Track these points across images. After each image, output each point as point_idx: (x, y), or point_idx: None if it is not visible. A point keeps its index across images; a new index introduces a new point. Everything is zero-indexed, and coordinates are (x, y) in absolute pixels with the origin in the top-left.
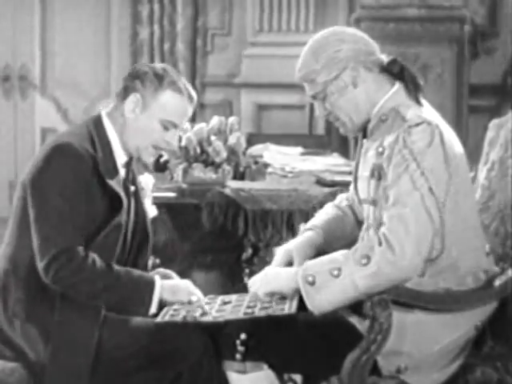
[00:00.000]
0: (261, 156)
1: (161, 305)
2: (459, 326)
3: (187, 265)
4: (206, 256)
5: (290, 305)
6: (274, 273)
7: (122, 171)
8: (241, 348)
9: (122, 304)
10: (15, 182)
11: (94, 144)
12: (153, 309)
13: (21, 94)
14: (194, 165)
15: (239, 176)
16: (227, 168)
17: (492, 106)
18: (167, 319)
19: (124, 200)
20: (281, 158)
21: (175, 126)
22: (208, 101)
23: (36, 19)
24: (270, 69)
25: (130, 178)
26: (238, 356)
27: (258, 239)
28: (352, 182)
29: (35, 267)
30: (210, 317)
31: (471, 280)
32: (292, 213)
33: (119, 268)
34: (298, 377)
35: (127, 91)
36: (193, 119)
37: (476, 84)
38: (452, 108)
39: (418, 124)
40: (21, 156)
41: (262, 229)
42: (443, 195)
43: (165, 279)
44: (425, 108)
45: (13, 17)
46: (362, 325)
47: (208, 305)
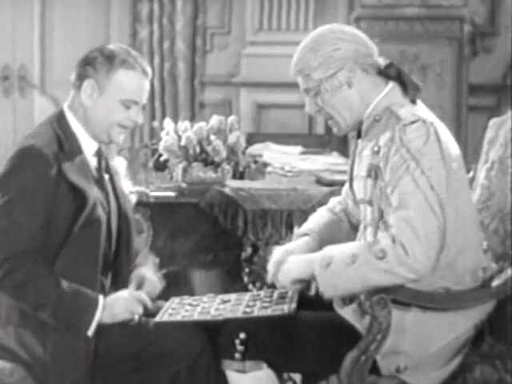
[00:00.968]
0: (260, 155)
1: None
2: (458, 326)
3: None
4: (206, 255)
5: (290, 305)
6: (295, 260)
7: (94, 160)
8: (240, 347)
9: (64, 320)
10: None
11: (60, 140)
12: (91, 330)
13: (20, 94)
14: (194, 164)
15: (239, 175)
16: (227, 167)
17: (491, 105)
18: (166, 319)
19: (89, 194)
20: (280, 158)
21: (136, 103)
22: (207, 100)
23: (35, 18)
24: (270, 68)
25: (104, 166)
26: (238, 355)
27: (258, 238)
28: (347, 183)
29: None
30: (209, 316)
31: (469, 278)
32: (291, 212)
33: (66, 284)
34: (298, 376)
35: (81, 79)
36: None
37: (475, 83)
38: (451, 107)
39: (413, 122)
40: None
41: (262, 228)
42: (443, 191)
43: (140, 282)
44: (419, 107)
45: (12, 16)
46: (361, 324)
47: (207, 304)
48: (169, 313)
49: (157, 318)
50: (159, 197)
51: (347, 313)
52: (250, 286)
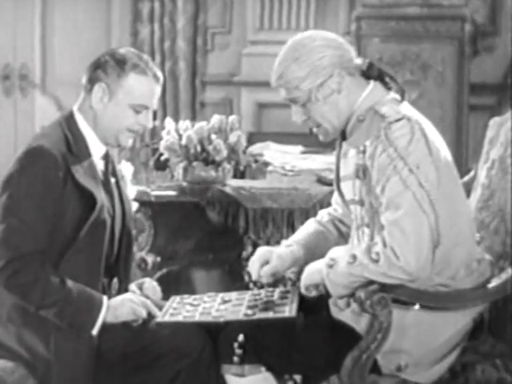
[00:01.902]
0: (261, 154)
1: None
2: (458, 322)
3: (188, 263)
4: (207, 254)
5: (291, 308)
6: (311, 267)
7: (101, 163)
8: (238, 351)
9: (69, 320)
10: None
11: (69, 142)
12: (96, 329)
13: (21, 93)
14: (195, 163)
15: (239, 174)
16: (227, 166)
17: (492, 105)
18: (167, 319)
19: (97, 197)
20: (281, 157)
21: (146, 108)
22: (208, 99)
23: (36, 17)
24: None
25: (110, 170)
26: (236, 359)
27: (259, 237)
28: (334, 185)
29: None
30: (210, 317)
31: (463, 271)
32: (292, 211)
33: (72, 285)
34: (298, 376)
35: (92, 82)
36: (193, 118)
37: (476, 82)
38: (452, 106)
39: (398, 120)
40: None
41: (263, 227)
42: (434, 187)
43: (139, 289)
44: (403, 105)
45: (13, 15)
46: (359, 325)
47: (208, 303)
48: (170, 313)
49: (158, 319)
50: (160, 196)
51: (345, 316)
52: (251, 285)
